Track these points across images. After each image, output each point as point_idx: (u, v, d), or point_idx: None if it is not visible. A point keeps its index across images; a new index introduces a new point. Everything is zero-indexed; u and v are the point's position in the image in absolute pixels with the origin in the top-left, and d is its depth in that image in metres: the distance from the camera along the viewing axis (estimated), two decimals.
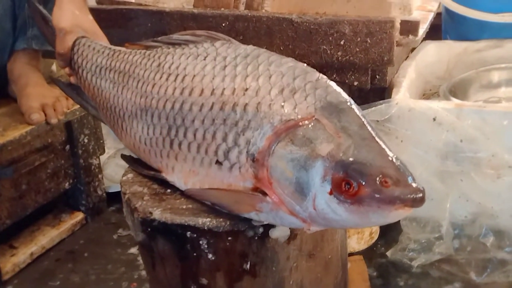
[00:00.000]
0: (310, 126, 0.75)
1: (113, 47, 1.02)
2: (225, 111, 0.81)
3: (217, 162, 0.81)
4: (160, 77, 0.89)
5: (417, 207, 0.71)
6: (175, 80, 0.87)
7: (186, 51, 0.90)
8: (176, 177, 0.88)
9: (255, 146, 0.77)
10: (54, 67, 1.76)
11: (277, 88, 0.79)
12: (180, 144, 0.85)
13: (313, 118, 0.75)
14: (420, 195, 0.70)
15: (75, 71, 1.03)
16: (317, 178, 0.72)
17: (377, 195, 0.69)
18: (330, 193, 0.71)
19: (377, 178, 0.70)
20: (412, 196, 0.70)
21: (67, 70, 1.03)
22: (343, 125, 0.75)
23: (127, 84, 0.94)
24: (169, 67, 0.89)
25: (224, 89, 0.82)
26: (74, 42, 1.01)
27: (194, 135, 0.83)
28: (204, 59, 0.87)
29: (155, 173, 0.92)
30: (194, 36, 0.93)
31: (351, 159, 0.71)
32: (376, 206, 0.70)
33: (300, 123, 0.75)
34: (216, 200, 0.82)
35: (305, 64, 0.86)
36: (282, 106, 0.77)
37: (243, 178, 0.79)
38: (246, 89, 0.81)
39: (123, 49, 1.00)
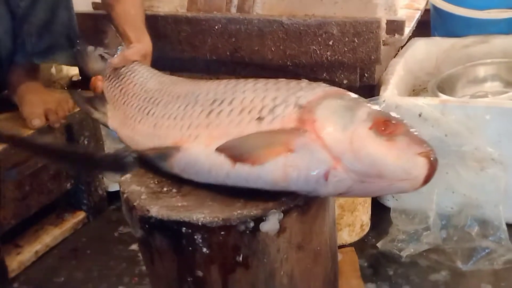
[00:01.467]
0: (346, 95, 0.88)
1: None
2: (280, 82, 0.92)
3: (258, 118, 0.86)
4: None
5: (431, 173, 0.79)
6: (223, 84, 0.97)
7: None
8: (196, 143, 0.90)
9: (304, 99, 0.85)
10: (53, 70, 1.81)
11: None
12: (219, 113, 0.90)
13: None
14: (435, 170, 0.80)
15: (112, 77, 1.12)
16: (361, 116, 0.81)
17: (409, 136, 0.80)
18: (370, 128, 0.80)
19: (409, 128, 0.82)
20: (433, 155, 0.80)
21: (99, 77, 1.10)
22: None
23: (176, 84, 1.06)
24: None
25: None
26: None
27: (241, 101, 0.89)
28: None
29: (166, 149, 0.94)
30: None
31: (386, 112, 0.85)
32: (407, 144, 0.79)
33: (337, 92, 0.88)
34: (247, 145, 0.84)
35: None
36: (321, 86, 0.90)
37: (283, 125, 0.84)
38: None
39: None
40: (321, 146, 0.81)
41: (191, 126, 0.92)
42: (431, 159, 0.80)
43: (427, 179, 0.80)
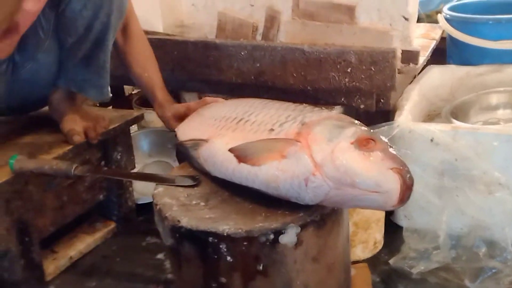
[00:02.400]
0: (346, 119, 1.03)
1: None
2: (299, 106, 1.10)
3: (270, 129, 1.03)
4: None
5: (404, 190, 0.88)
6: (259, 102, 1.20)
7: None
8: (220, 139, 1.09)
9: (309, 118, 1.01)
10: None
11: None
12: (246, 122, 1.09)
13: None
14: (409, 192, 0.89)
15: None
16: (347, 133, 0.94)
17: (385, 152, 0.91)
18: (352, 143, 0.92)
19: (390, 147, 0.93)
20: (407, 173, 0.89)
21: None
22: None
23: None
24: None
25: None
26: None
27: (264, 116, 1.08)
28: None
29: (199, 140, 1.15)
30: None
31: (375, 133, 0.97)
32: (380, 159, 0.89)
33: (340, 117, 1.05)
34: (252, 149, 0.99)
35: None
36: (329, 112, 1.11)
37: (286, 136, 1.00)
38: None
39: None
40: (308, 154, 0.94)
41: (223, 128, 1.12)
42: (404, 176, 0.88)
43: (402, 197, 0.87)
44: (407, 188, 0.88)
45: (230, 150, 1.01)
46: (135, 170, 1.78)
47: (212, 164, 1.10)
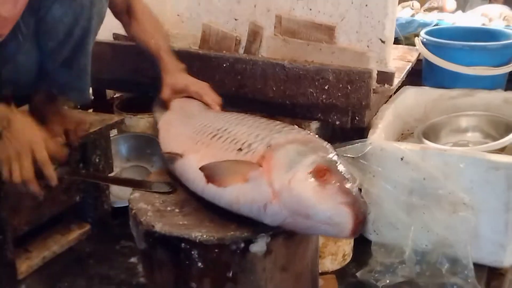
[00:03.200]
0: (312, 143, 1.03)
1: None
2: (271, 124, 1.11)
3: (239, 149, 1.04)
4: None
5: (356, 224, 0.90)
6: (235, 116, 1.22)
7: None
8: (194, 156, 1.11)
9: (275, 140, 1.02)
10: None
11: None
12: (219, 138, 1.11)
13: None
14: (361, 225, 0.90)
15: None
16: (306, 162, 0.95)
17: (340, 186, 0.92)
18: (309, 173, 0.93)
19: (345, 180, 0.93)
20: (359, 208, 0.91)
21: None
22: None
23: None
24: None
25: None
26: None
27: (236, 133, 1.09)
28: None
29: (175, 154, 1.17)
30: None
31: (334, 162, 0.96)
32: (333, 192, 0.91)
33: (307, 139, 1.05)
34: (219, 170, 1.01)
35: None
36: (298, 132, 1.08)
37: (251, 158, 1.01)
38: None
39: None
40: (267, 181, 0.96)
41: (199, 142, 1.14)
42: (356, 212, 0.90)
43: (354, 230, 0.90)
44: (359, 223, 0.90)
45: (200, 168, 1.04)
46: (113, 174, 1.80)
47: (185, 179, 1.14)
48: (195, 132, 1.19)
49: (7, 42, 1.30)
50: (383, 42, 1.57)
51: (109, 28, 1.73)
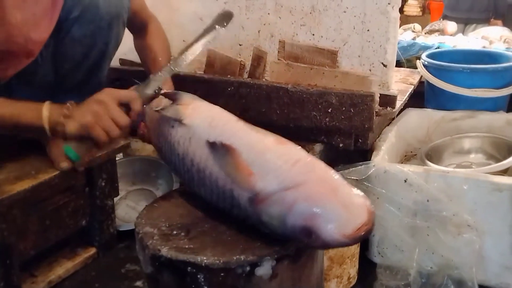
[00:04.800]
0: None
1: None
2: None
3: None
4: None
5: (362, 226, 0.93)
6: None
7: None
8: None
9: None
10: None
11: None
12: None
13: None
14: (367, 231, 0.93)
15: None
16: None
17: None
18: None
19: None
20: (372, 214, 0.94)
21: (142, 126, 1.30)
22: None
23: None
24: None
25: None
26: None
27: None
28: None
29: None
30: None
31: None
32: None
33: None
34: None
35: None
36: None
37: None
38: None
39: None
40: None
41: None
42: (370, 214, 0.93)
43: (361, 228, 0.93)
44: (367, 226, 0.93)
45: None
46: (118, 198, 1.82)
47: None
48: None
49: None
50: (385, 66, 1.60)
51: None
